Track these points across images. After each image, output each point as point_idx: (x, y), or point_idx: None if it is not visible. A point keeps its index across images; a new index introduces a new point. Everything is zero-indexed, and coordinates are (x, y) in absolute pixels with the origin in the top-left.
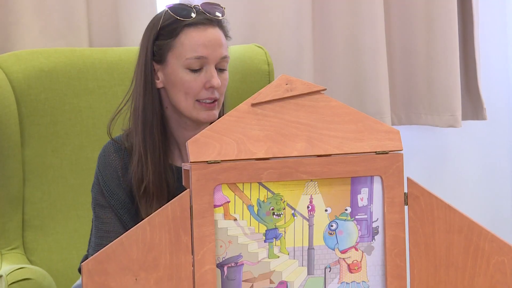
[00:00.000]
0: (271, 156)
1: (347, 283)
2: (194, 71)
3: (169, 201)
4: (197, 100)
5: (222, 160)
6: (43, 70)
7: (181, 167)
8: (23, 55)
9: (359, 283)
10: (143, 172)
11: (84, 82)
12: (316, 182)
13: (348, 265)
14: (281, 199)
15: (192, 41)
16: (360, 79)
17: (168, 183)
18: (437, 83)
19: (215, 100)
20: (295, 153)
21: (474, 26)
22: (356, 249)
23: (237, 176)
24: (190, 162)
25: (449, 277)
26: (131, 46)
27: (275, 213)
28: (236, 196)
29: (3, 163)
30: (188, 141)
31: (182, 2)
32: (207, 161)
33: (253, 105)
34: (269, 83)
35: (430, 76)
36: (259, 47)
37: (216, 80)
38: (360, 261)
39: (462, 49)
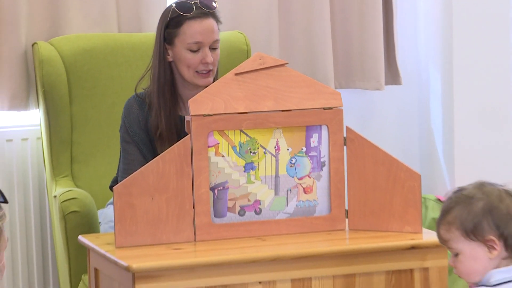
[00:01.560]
0: (248, 111)
1: (302, 201)
2: (193, 51)
3: (177, 141)
4: (196, 71)
5: (213, 114)
6: (85, 49)
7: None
8: (71, 38)
9: (311, 201)
10: (158, 122)
11: (115, 58)
12: (281, 130)
13: (304, 188)
14: (256, 142)
15: (192, 31)
16: (312, 55)
17: (177, 128)
18: (367, 58)
19: (209, 71)
20: (266, 109)
21: (394, 17)
22: (309, 177)
23: (225, 125)
24: (191, 115)
25: (375, 196)
26: (148, 32)
27: (252, 151)
28: (223, 139)
29: (56, 116)
30: (189, 100)
31: None
32: (203, 114)
33: (236, 74)
34: (247, 59)
35: (362, 53)
36: (240, 33)
37: (209, 58)
38: (312, 186)
39: (385, 33)
